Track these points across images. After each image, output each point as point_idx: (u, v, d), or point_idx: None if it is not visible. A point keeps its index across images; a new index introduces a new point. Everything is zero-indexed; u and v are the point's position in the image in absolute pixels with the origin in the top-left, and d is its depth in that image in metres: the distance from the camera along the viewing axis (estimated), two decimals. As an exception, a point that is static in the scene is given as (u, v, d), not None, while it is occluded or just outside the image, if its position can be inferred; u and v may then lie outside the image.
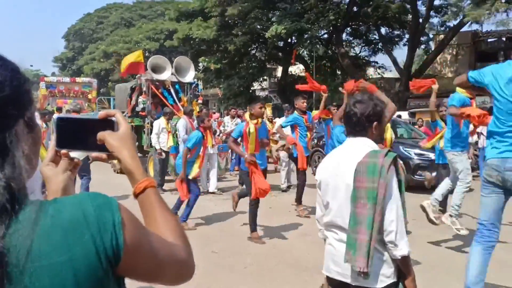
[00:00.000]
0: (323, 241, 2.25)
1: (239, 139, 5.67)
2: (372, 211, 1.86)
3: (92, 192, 0.81)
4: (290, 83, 26.97)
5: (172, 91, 10.76)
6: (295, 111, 6.98)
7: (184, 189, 5.75)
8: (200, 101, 11.32)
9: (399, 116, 13.02)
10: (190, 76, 11.26)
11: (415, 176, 8.42)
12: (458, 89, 4.57)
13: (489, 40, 22.47)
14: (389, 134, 5.68)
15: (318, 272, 2.95)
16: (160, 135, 8.97)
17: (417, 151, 8.55)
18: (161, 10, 44.98)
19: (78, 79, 18.43)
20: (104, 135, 0.94)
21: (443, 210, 5.44)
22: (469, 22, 15.38)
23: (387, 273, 1.94)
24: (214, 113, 15.22)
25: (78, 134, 0.97)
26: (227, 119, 11.98)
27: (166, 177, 9.45)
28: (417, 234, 5.41)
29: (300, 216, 6.58)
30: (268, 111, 11.00)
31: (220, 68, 26.21)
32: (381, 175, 1.87)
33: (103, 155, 0.97)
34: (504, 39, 21.58)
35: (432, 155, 7.18)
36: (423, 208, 5.23)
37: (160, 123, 9.04)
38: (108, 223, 0.77)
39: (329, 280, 2.14)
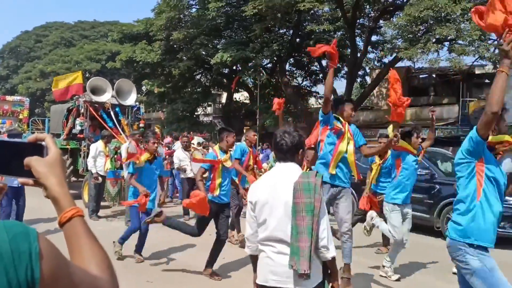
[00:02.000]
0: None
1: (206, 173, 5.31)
2: (311, 222, 2.21)
3: (8, 221, 0.77)
4: (235, 109, 27.25)
5: (112, 113, 10.45)
6: (243, 142, 6.74)
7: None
8: (142, 125, 11.08)
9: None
10: (131, 99, 11.04)
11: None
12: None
13: (421, 76, 24.08)
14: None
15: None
16: (97, 159, 8.63)
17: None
18: (104, 31, 44.05)
19: (8, 97, 17.13)
20: (30, 161, 0.91)
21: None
22: (403, 59, 16.41)
23: (318, 273, 2.32)
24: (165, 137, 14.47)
25: (5, 157, 0.92)
26: (178, 149, 10.13)
27: (102, 203, 9.06)
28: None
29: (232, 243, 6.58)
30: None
31: (164, 91, 26.01)
32: (315, 192, 2.24)
33: (30, 181, 0.93)
34: (434, 75, 23.22)
35: None
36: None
37: (97, 146, 8.71)
38: (24, 254, 0.72)
39: None
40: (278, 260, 2.30)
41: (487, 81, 21.08)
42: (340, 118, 4.51)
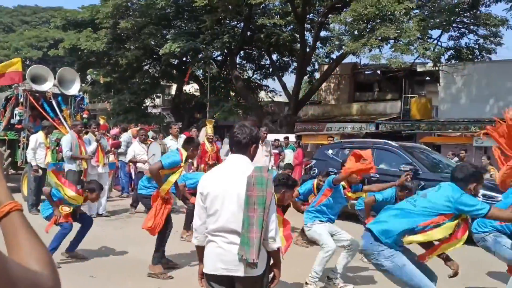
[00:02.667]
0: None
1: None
2: (262, 214, 2.34)
3: None
4: (185, 101, 26.88)
5: (53, 103, 9.99)
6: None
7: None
8: (85, 116, 10.67)
9: (287, 138, 13.65)
10: (75, 89, 10.59)
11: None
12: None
13: (366, 72, 24.89)
14: None
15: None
16: (37, 151, 8.23)
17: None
18: (46, 17, 41.84)
19: None
20: None
21: None
22: (350, 55, 16.89)
23: (263, 262, 2.44)
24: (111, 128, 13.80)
25: None
26: (134, 142, 9.79)
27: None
28: None
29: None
30: (209, 130, 9.90)
31: (110, 81, 25.19)
32: (267, 186, 2.37)
33: None
34: (379, 72, 24.08)
35: None
36: None
37: (37, 137, 8.30)
38: None
39: (214, 277, 2.48)
40: (229, 249, 2.41)
41: (427, 78, 22.17)
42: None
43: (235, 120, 19.82)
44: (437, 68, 16.86)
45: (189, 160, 5.40)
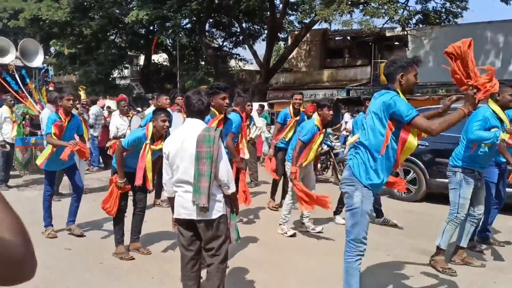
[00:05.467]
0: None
1: None
2: (210, 167, 2.77)
3: None
4: (154, 71, 26.32)
5: (16, 76, 9.62)
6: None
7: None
8: (51, 88, 10.33)
9: (262, 106, 13.61)
10: (38, 61, 10.20)
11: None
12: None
13: (336, 38, 24.86)
14: None
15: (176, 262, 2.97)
16: (2, 126, 7.96)
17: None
18: (4, -15, 39.61)
19: None
20: None
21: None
22: (320, 21, 16.77)
23: (218, 208, 2.89)
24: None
25: None
26: (114, 115, 8.76)
27: (12, 172, 8.47)
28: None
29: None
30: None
31: (75, 53, 24.31)
32: (214, 143, 2.77)
33: None
34: (349, 38, 24.09)
35: None
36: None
37: (2, 112, 8.01)
38: None
39: (180, 221, 2.96)
40: (187, 197, 2.88)
41: (396, 43, 22.35)
42: None
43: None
44: (405, 33, 16.99)
45: None
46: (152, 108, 7.89)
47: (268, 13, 20.43)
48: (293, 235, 5.28)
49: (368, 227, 3.09)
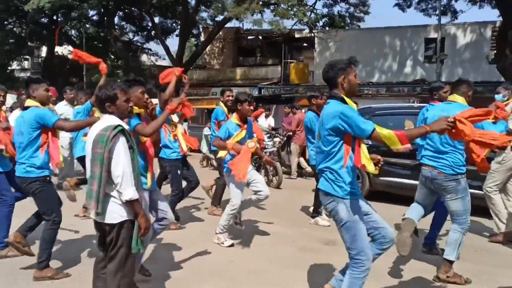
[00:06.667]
0: None
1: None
2: (101, 170, 2.62)
3: None
4: (57, 64, 24.68)
5: None
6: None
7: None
8: None
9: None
10: None
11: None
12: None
13: (249, 37, 25.32)
14: None
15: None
16: None
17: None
18: None
19: None
20: None
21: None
22: (233, 19, 17.00)
23: (119, 211, 2.71)
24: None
25: None
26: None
27: None
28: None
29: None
30: None
31: (-34, 41, 22.02)
32: (106, 144, 2.61)
33: None
34: (260, 37, 24.68)
35: None
36: None
37: None
38: None
39: (94, 222, 2.85)
40: None
41: (305, 44, 23.39)
42: None
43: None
44: (312, 35, 17.88)
45: None
46: (64, 102, 7.57)
47: (181, 7, 20.22)
48: (231, 245, 4.90)
49: (367, 239, 2.92)
